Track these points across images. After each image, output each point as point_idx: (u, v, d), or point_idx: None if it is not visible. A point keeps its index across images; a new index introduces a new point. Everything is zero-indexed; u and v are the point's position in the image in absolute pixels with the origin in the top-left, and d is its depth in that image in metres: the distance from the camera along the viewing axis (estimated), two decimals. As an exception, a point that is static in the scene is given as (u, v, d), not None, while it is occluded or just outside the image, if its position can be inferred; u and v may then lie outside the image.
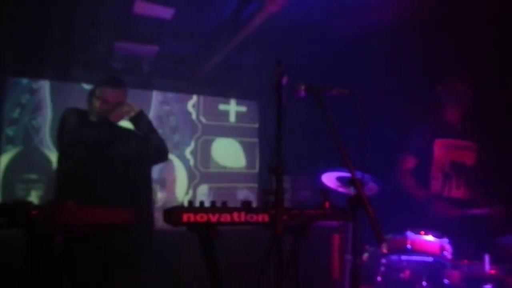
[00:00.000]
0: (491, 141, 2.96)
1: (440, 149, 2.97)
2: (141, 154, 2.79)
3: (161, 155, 2.92)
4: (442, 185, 2.94)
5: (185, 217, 1.70)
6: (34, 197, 4.12)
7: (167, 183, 4.70)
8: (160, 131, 3.11)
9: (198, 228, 1.74)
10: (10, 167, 4.09)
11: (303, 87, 1.86)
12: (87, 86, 4.17)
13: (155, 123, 3.03)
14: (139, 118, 2.80)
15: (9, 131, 4.12)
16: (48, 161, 4.21)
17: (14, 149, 4.14)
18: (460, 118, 3.02)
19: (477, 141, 2.99)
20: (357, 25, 3.64)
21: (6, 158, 4.09)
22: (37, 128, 4.24)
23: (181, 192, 4.78)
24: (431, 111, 3.10)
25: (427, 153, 2.96)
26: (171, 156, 4.57)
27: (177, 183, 4.77)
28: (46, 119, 4.28)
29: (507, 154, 2.88)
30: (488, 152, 2.95)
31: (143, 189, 2.84)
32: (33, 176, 4.16)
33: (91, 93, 2.75)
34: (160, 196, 4.61)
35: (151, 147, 2.82)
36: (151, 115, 4.54)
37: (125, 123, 2.88)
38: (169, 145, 3.30)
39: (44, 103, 4.31)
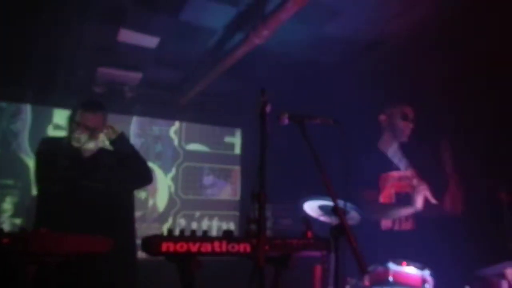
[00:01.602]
0: (428, 164, 2.98)
1: (385, 183, 2.99)
2: (121, 179, 2.72)
3: (145, 178, 2.83)
4: (392, 221, 2.94)
5: (164, 247, 1.65)
6: (8, 203, 4.02)
7: (149, 194, 4.62)
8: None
9: (178, 259, 1.69)
10: None
11: (286, 115, 1.87)
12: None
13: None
14: (120, 141, 2.73)
15: None
16: (25, 166, 4.11)
17: None
18: (397, 149, 3.05)
19: (415, 168, 3.02)
20: (338, 55, 3.74)
21: None
22: (15, 133, 4.16)
23: (162, 203, 4.68)
24: (371, 144, 3.12)
25: (377, 188, 2.98)
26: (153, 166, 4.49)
27: (159, 193, 4.68)
28: (26, 124, 4.20)
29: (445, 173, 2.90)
30: (426, 175, 2.98)
31: (124, 215, 2.76)
32: (9, 182, 4.06)
33: (71, 119, 2.68)
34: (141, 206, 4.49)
35: (133, 171, 2.74)
36: (132, 140, 4.50)
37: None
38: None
39: (24, 108, 4.23)
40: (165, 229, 2.44)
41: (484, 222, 2.94)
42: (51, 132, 4.30)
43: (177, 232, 1.71)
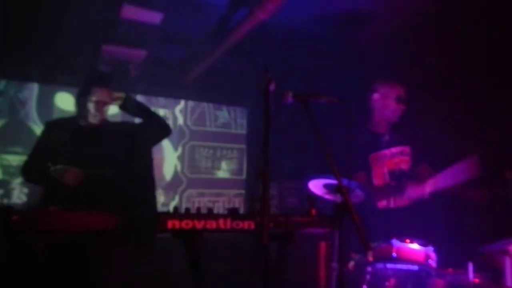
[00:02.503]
0: (422, 140, 2.96)
1: (376, 162, 2.97)
2: (141, 137, 2.76)
3: (166, 127, 2.92)
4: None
5: (169, 224, 1.68)
6: (17, 170, 4.06)
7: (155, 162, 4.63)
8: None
9: (183, 235, 1.72)
10: None
11: (290, 94, 1.86)
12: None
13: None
14: (129, 103, 2.80)
15: None
16: (33, 135, 4.10)
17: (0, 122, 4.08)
18: (387, 128, 3.01)
19: (408, 144, 2.98)
20: (344, 32, 3.69)
21: None
22: (23, 101, 4.17)
23: (169, 174, 4.75)
24: (359, 125, 3.07)
25: (368, 168, 2.96)
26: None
27: (165, 163, 4.73)
28: (33, 92, 4.21)
29: (440, 150, 2.88)
30: (421, 151, 2.95)
31: (145, 175, 2.79)
32: (18, 149, 4.09)
33: (83, 96, 2.68)
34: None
35: (154, 124, 2.84)
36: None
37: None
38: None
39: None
40: (171, 207, 2.48)
41: (488, 199, 2.93)
42: (59, 100, 4.29)
43: (182, 210, 1.73)
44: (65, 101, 4.24)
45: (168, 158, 4.76)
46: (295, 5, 3.20)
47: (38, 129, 4.13)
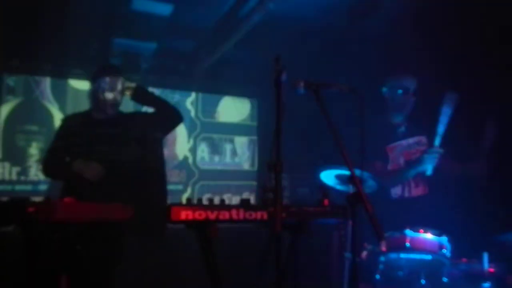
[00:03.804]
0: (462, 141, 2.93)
1: (393, 153, 2.96)
2: (153, 128, 2.79)
3: (178, 115, 2.93)
4: (402, 188, 2.92)
5: (183, 215, 1.69)
6: (34, 148, 4.15)
7: (168, 142, 4.66)
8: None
9: (197, 226, 1.73)
10: (11, 118, 4.11)
11: (302, 84, 1.85)
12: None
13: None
14: (140, 93, 2.82)
15: (10, 81, 4.12)
16: (48, 113, 4.22)
17: (15, 100, 4.15)
18: (403, 118, 3.00)
19: (424, 134, 2.96)
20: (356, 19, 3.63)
21: (6, 108, 4.10)
22: (37, 81, 4.23)
23: (182, 150, 4.79)
24: (377, 115, 3.06)
25: (384, 159, 2.95)
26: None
27: (178, 141, 4.77)
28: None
29: (457, 139, 2.84)
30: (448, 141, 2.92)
31: (157, 166, 2.81)
32: (34, 128, 4.17)
33: (96, 87, 2.69)
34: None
35: (166, 113, 2.85)
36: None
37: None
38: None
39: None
40: (183, 198, 2.50)
41: (503, 187, 2.89)
42: (73, 80, 4.35)
43: (195, 201, 1.74)
44: (79, 81, 4.31)
45: (180, 138, 4.79)
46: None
47: (53, 108, 4.24)
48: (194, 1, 3.45)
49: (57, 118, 4.20)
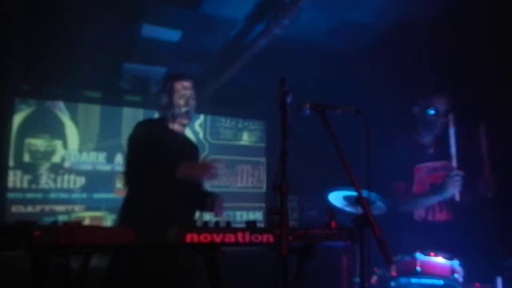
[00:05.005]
0: (465, 155, 2.88)
1: (419, 174, 2.92)
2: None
3: None
4: (426, 211, 2.87)
5: (188, 237, 1.67)
6: None
7: None
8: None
9: (202, 249, 1.71)
10: (23, 127, 4.21)
11: (308, 106, 1.85)
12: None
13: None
14: None
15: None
16: (60, 123, 4.33)
17: (28, 109, 4.25)
18: (433, 140, 2.97)
19: (451, 159, 2.91)
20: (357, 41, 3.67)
21: (19, 117, 4.21)
22: None
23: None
24: (406, 135, 3.04)
25: (410, 179, 2.91)
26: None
27: None
28: None
29: (480, 164, 2.79)
30: (462, 166, 2.87)
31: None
32: (46, 135, 4.29)
33: (168, 95, 2.68)
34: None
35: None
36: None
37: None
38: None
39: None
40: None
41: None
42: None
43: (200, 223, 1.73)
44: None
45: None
46: (310, 19, 3.21)
47: (65, 117, 4.35)
48: (202, 27, 3.52)
49: (69, 127, 4.33)
